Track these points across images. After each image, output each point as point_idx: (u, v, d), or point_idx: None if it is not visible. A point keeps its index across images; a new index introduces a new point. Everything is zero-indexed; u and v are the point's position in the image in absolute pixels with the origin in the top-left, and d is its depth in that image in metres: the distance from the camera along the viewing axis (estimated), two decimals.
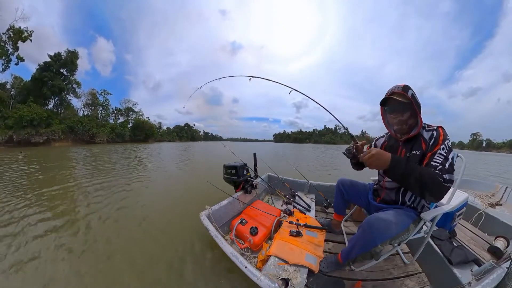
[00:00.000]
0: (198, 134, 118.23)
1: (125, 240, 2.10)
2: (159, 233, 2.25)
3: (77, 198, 3.41)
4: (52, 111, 28.89)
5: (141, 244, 2.03)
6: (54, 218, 2.56)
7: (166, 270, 1.65)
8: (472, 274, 1.10)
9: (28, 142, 22.39)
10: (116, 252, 1.87)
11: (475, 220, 2.00)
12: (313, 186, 2.78)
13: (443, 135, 1.04)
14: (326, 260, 1.40)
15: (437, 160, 0.97)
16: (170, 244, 2.00)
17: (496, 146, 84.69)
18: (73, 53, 31.55)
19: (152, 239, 2.12)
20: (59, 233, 2.19)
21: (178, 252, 1.86)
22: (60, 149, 18.22)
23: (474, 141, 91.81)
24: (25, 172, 5.60)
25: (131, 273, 1.61)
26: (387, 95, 1.13)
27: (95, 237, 2.12)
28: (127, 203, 3.26)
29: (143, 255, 1.83)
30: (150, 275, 1.59)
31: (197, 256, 1.79)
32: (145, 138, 45.65)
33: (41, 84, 27.69)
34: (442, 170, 0.93)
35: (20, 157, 9.46)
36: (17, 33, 24.58)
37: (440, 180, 0.90)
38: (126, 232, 2.28)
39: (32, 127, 23.13)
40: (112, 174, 5.63)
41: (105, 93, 43.59)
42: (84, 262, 1.71)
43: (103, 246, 1.97)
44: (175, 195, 3.87)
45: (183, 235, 2.14)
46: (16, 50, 25.33)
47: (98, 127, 33.50)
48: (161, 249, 1.94)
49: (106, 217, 2.65)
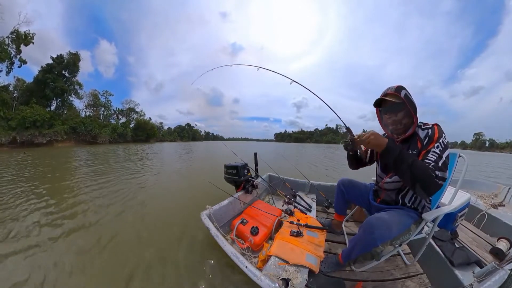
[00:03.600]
0: (199, 135, 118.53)
1: (124, 240, 2.11)
2: (159, 232, 2.25)
3: (78, 198, 3.43)
4: (54, 113, 29.13)
5: (140, 244, 2.03)
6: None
7: (165, 270, 1.65)
8: (474, 275, 1.09)
9: (31, 143, 22.62)
10: (116, 252, 1.88)
11: (477, 220, 1.97)
12: (314, 186, 2.78)
13: (438, 133, 1.04)
14: (327, 260, 1.40)
15: (431, 158, 0.97)
16: (170, 244, 2.00)
17: (499, 146, 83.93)
18: (75, 55, 31.88)
19: (151, 239, 2.12)
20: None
21: (178, 252, 1.86)
22: (64, 149, 18.39)
23: (477, 141, 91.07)
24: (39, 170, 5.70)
25: (131, 273, 1.61)
26: (380, 97, 1.14)
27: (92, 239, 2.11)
28: (126, 202, 3.27)
29: (143, 255, 1.83)
30: (149, 275, 1.59)
31: (197, 256, 1.79)
32: (147, 138, 45.87)
33: (44, 86, 27.96)
34: (435, 166, 0.93)
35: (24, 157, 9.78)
36: (20, 37, 24.86)
37: (432, 175, 0.90)
38: (125, 231, 2.28)
39: (35, 128, 23.39)
40: (113, 173, 5.66)
41: (106, 94, 43.92)
42: (80, 262, 1.71)
43: (103, 246, 1.97)
44: (176, 195, 3.87)
45: (183, 235, 2.14)
46: (19, 53, 25.63)
47: (100, 127, 33.74)
48: (161, 248, 1.94)
49: (106, 217, 2.66)
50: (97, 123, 34.14)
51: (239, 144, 45.29)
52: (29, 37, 25.80)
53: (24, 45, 25.65)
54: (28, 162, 8.02)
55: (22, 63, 26.18)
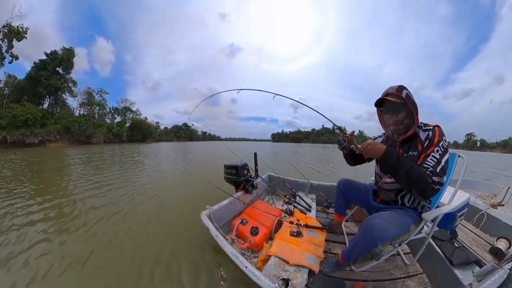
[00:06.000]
0: (196, 134, 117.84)
1: (124, 239, 2.08)
2: (158, 232, 2.23)
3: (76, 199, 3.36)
4: (47, 111, 28.29)
5: (140, 244, 2.00)
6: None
7: (165, 270, 1.63)
8: (473, 275, 1.10)
9: (23, 143, 21.84)
10: (116, 251, 1.85)
11: (476, 220, 1.97)
12: (314, 186, 2.78)
13: (439, 136, 1.03)
14: (327, 260, 1.40)
15: (429, 163, 0.97)
16: (170, 244, 1.98)
17: (490, 145, 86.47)
18: (69, 51, 30.96)
19: (151, 239, 2.09)
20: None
21: (178, 252, 1.85)
22: (56, 149, 17.73)
23: (469, 142, 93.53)
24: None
25: (130, 272, 1.59)
26: (382, 96, 1.14)
27: (94, 240, 2.08)
28: (126, 202, 3.23)
29: (142, 255, 1.80)
30: (148, 276, 1.56)
31: (197, 256, 1.78)
32: (143, 138, 45.32)
33: (36, 83, 27.10)
34: (433, 172, 0.93)
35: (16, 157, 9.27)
36: (13, 31, 23.82)
37: (429, 180, 0.91)
38: (124, 231, 2.25)
39: (26, 127, 22.62)
40: (111, 173, 5.57)
41: (102, 92, 43.07)
42: (76, 269, 1.67)
43: (103, 245, 1.95)
44: (176, 195, 3.84)
45: (183, 235, 2.12)
46: (10, 48, 24.44)
47: (95, 127, 33.04)
48: (161, 248, 1.91)
49: (105, 216, 2.61)
50: (91, 122, 33.40)
51: (236, 143, 45.25)
52: (22, 32, 24.67)
53: (17, 40, 24.50)
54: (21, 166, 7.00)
55: (13, 59, 24.77)
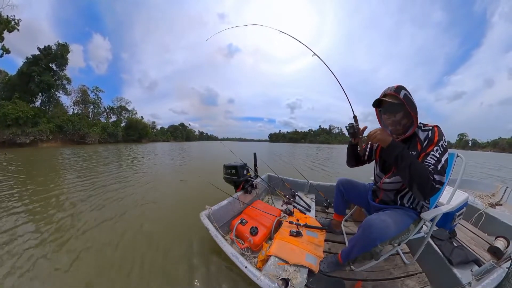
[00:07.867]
0: (193, 134, 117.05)
1: (123, 239, 2.05)
2: (158, 233, 2.21)
3: (76, 202, 3.28)
4: (39, 109, 27.17)
5: (139, 244, 1.98)
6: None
7: (165, 270, 1.61)
8: (472, 274, 1.11)
9: (13, 143, 20.91)
10: (116, 252, 1.82)
11: (475, 220, 1.99)
12: (313, 186, 2.78)
13: (438, 135, 1.04)
14: (326, 260, 1.40)
15: (430, 161, 0.98)
16: (169, 244, 1.96)
17: (481, 145, 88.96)
18: (63, 47, 29.66)
19: (151, 239, 2.07)
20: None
21: (178, 252, 1.83)
22: (49, 150, 17.10)
23: (461, 141, 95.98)
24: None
25: (128, 272, 1.57)
26: (380, 97, 1.14)
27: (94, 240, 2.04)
28: (125, 202, 3.19)
29: (142, 255, 1.78)
30: (148, 276, 1.55)
31: (197, 256, 1.76)
32: (139, 138, 44.61)
33: (28, 80, 25.91)
34: (434, 170, 0.94)
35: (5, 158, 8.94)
36: (3, 21, 21.73)
37: (430, 178, 0.91)
38: (124, 231, 2.22)
39: (17, 126, 21.71)
40: (108, 174, 5.48)
41: (96, 90, 41.88)
42: (76, 272, 1.62)
43: (103, 245, 1.92)
44: (175, 195, 3.81)
45: (183, 235, 2.10)
46: (1, 41, 22.29)
47: (89, 126, 32.17)
48: (160, 249, 1.90)
49: (104, 216, 2.58)
50: (86, 121, 32.53)
51: (234, 144, 45.11)
52: (13, 23, 22.52)
53: (8, 31, 22.42)
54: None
55: (4, 52, 22.68)
